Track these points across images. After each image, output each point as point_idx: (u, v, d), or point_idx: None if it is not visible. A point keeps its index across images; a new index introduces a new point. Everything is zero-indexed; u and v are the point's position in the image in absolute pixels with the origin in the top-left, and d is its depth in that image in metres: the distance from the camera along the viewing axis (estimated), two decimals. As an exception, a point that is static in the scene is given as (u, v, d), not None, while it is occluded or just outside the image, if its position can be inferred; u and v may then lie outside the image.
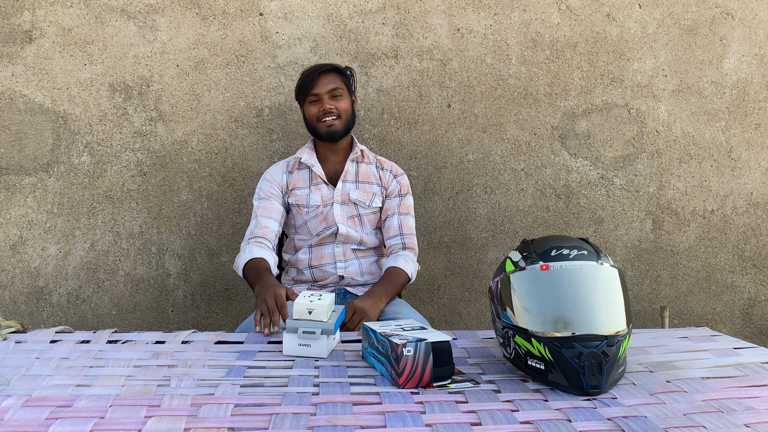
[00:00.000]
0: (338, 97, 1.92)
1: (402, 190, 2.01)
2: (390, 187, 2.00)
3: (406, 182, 2.03)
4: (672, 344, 1.46)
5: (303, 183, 1.96)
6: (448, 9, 2.40)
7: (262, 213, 1.92)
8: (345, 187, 1.96)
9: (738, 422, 1.01)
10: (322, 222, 1.94)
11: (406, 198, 2.01)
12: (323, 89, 1.90)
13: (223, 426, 0.98)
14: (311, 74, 1.92)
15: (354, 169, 1.98)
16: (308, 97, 1.92)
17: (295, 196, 1.95)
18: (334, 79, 1.92)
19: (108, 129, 2.34)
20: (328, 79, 1.92)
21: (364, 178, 1.98)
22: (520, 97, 2.45)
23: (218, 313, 2.42)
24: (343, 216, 1.94)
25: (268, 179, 1.97)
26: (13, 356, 1.32)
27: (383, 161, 2.04)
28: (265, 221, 1.90)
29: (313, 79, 1.90)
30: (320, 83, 1.91)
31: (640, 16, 2.46)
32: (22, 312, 2.35)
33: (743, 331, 2.59)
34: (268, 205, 1.93)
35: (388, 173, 2.01)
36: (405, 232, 1.96)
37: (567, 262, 1.20)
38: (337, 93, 1.91)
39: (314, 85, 1.90)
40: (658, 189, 2.51)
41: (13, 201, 2.33)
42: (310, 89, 1.91)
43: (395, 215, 1.98)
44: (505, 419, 1.02)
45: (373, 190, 1.97)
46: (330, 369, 1.27)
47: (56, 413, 1.03)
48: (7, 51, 2.30)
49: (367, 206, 1.96)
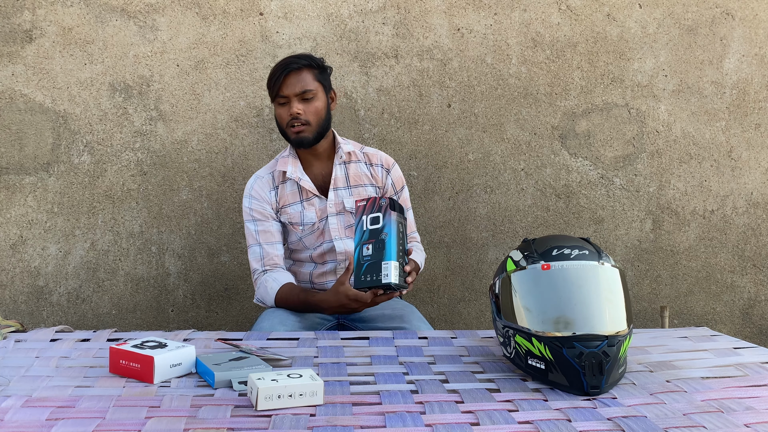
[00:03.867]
0: (309, 100, 1.74)
1: (396, 185, 1.90)
2: (386, 185, 1.88)
3: (399, 174, 1.91)
4: (672, 344, 1.46)
5: (293, 198, 1.82)
6: (448, 9, 2.40)
7: (265, 240, 1.80)
8: (337, 195, 1.83)
9: (738, 422, 1.01)
10: (318, 237, 1.84)
11: (402, 192, 1.91)
12: (291, 91, 1.72)
13: (222, 427, 0.98)
14: (279, 73, 1.73)
15: (343, 173, 1.84)
16: (277, 98, 1.75)
17: (287, 214, 1.82)
18: (305, 78, 1.73)
19: (108, 128, 2.34)
20: (297, 79, 1.73)
21: (355, 180, 1.85)
22: (520, 97, 2.45)
23: (218, 313, 2.43)
24: (340, 228, 1.83)
25: (256, 197, 1.82)
26: (13, 356, 1.32)
27: (370, 154, 1.88)
28: (270, 248, 1.80)
29: (280, 79, 1.72)
30: (288, 84, 1.73)
31: (641, 16, 2.46)
32: (22, 311, 2.35)
33: (743, 331, 2.59)
34: (267, 228, 1.81)
35: (380, 168, 1.88)
36: (407, 230, 1.91)
37: (568, 262, 1.20)
38: (308, 95, 1.73)
39: (282, 85, 1.72)
40: (658, 189, 2.51)
41: (13, 200, 2.33)
42: (277, 90, 1.73)
43: None
44: (504, 419, 1.02)
45: (368, 192, 1.86)
46: (330, 368, 1.27)
47: (56, 414, 1.03)
48: (7, 50, 2.30)
49: None
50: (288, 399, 1.05)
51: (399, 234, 1.46)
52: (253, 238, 1.82)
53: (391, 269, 1.43)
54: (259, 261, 1.80)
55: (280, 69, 1.74)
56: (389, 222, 1.45)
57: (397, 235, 1.45)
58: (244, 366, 1.19)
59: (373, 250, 1.46)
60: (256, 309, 2.40)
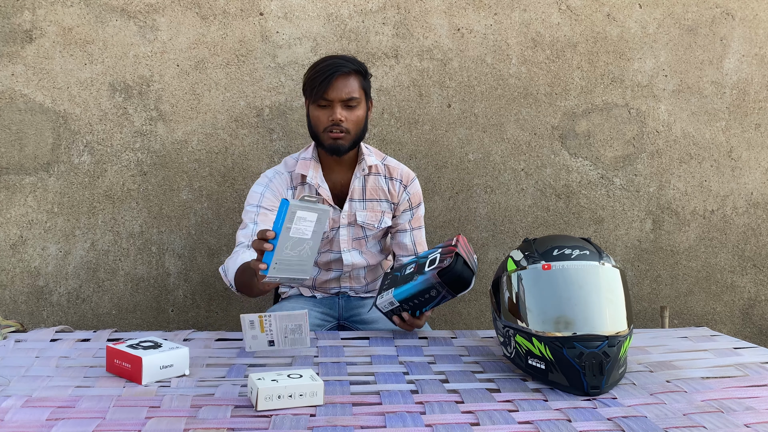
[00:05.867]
0: (353, 107, 1.65)
1: (413, 201, 1.81)
2: (400, 201, 1.80)
3: (417, 190, 1.82)
4: (672, 344, 1.46)
5: None
6: (448, 9, 2.40)
7: (263, 220, 1.69)
8: (352, 207, 1.76)
9: (738, 422, 1.01)
10: (326, 245, 1.79)
11: (417, 209, 1.83)
12: (337, 95, 1.62)
13: (222, 427, 0.98)
14: (327, 74, 1.62)
15: (361, 185, 1.76)
16: (318, 100, 1.64)
17: None
18: (352, 84, 1.64)
19: (108, 129, 2.34)
20: (345, 83, 1.63)
21: (371, 194, 1.77)
22: (520, 97, 2.45)
23: (218, 313, 2.43)
24: (349, 239, 1.78)
25: (273, 189, 1.72)
26: (13, 356, 1.32)
27: (392, 168, 1.79)
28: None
29: (328, 81, 1.61)
30: (336, 87, 1.62)
31: (641, 16, 2.46)
32: (22, 311, 2.35)
33: (743, 331, 2.59)
34: (270, 217, 1.70)
35: (398, 184, 1.79)
36: (419, 250, 1.82)
37: (569, 262, 1.20)
38: (353, 103, 1.64)
39: (329, 89, 1.62)
40: (658, 189, 2.52)
41: (13, 200, 2.33)
42: (322, 92, 1.62)
43: (407, 232, 1.82)
44: (504, 419, 1.02)
45: (382, 208, 1.78)
46: (330, 368, 1.27)
47: (57, 414, 1.03)
48: (7, 50, 2.30)
49: (374, 228, 1.79)
50: (288, 399, 1.05)
51: (423, 292, 1.42)
52: (251, 219, 1.69)
53: (386, 299, 1.47)
54: (249, 237, 1.65)
55: (329, 70, 1.62)
56: (427, 278, 1.42)
57: (420, 290, 1.42)
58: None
59: (401, 275, 1.49)
60: (256, 309, 2.41)
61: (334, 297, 1.88)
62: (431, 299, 1.43)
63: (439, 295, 1.42)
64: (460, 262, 1.39)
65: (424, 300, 1.42)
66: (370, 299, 1.88)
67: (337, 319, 1.87)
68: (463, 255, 1.40)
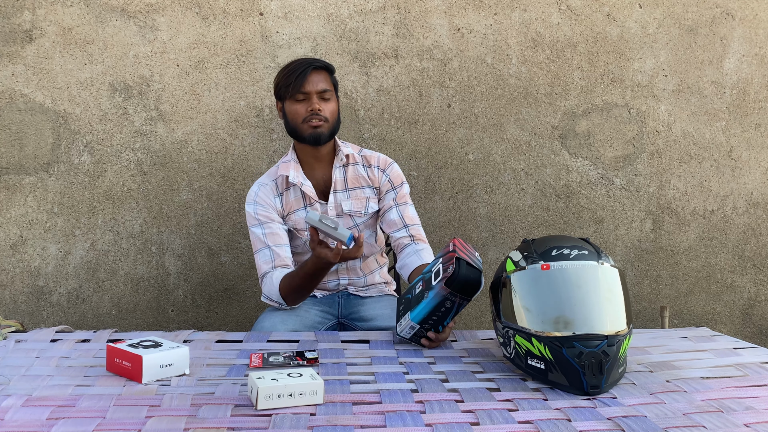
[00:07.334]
0: (327, 100, 1.77)
1: (394, 181, 1.87)
2: (381, 183, 1.86)
3: (397, 172, 1.88)
4: (672, 344, 1.46)
5: (297, 204, 1.82)
6: (448, 9, 2.40)
7: (274, 242, 1.78)
8: (337, 198, 1.83)
9: (738, 422, 1.01)
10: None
11: (400, 188, 1.87)
12: (314, 88, 1.75)
13: (222, 426, 0.98)
14: (302, 69, 1.74)
15: (342, 176, 1.84)
16: (296, 94, 1.74)
17: (292, 220, 1.82)
18: (325, 78, 1.78)
19: (108, 128, 2.34)
20: (319, 77, 1.76)
21: (353, 183, 1.85)
22: (520, 97, 2.45)
23: (218, 313, 2.43)
24: None
25: (261, 203, 1.81)
26: (13, 356, 1.32)
27: (368, 156, 1.88)
28: (280, 250, 1.77)
29: (304, 75, 1.74)
30: (311, 81, 1.75)
31: (641, 16, 2.46)
32: (22, 311, 2.35)
33: (743, 331, 2.59)
34: (275, 230, 1.79)
35: (377, 170, 1.86)
36: (408, 222, 1.84)
37: (568, 262, 1.20)
38: (327, 95, 1.77)
39: (305, 82, 1.74)
40: (658, 189, 2.52)
41: (13, 200, 2.33)
42: (299, 86, 1.73)
43: (393, 208, 1.85)
44: (504, 419, 1.02)
45: (366, 194, 1.85)
46: (330, 368, 1.27)
47: (57, 413, 1.03)
48: (7, 50, 2.30)
49: (363, 214, 1.85)
50: (288, 398, 1.05)
51: (438, 306, 1.40)
52: (261, 242, 1.79)
53: (406, 325, 1.44)
54: (270, 263, 1.77)
55: (302, 65, 1.75)
56: (437, 292, 1.40)
57: (434, 305, 1.40)
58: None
59: (413, 296, 1.47)
60: (256, 309, 2.41)
61: (334, 295, 1.89)
62: (449, 311, 1.42)
63: (454, 305, 1.40)
64: (464, 266, 1.38)
65: (442, 314, 1.41)
66: (370, 298, 1.89)
67: (337, 317, 1.88)
68: (464, 257, 1.39)
